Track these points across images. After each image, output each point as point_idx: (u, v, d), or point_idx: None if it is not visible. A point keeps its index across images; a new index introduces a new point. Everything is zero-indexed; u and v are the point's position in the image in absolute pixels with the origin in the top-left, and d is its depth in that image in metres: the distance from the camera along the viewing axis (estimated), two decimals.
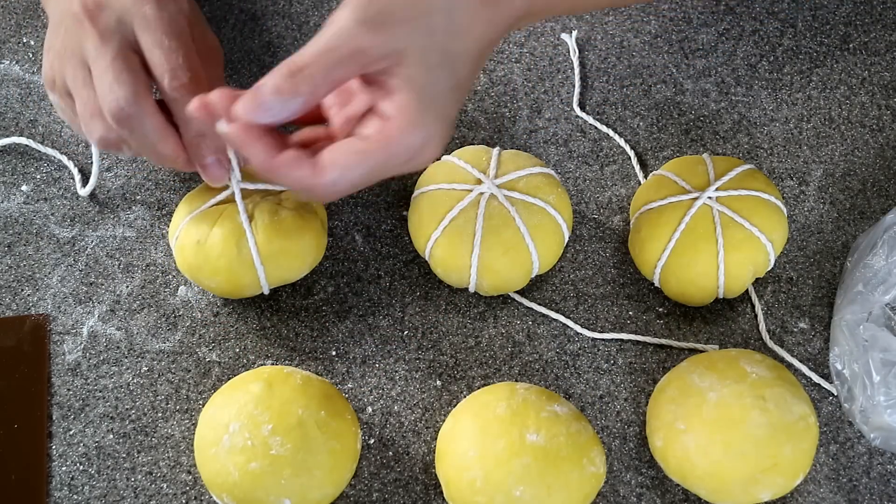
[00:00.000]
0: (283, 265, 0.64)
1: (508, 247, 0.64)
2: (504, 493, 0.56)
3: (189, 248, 0.63)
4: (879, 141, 0.73)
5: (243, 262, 0.62)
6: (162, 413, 0.63)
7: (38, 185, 0.71)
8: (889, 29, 0.78)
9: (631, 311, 0.67)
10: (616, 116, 0.74)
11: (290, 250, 0.63)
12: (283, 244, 0.63)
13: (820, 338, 0.66)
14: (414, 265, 0.68)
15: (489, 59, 0.76)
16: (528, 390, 0.60)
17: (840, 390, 0.64)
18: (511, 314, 0.67)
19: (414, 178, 0.69)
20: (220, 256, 0.62)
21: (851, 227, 0.70)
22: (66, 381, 0.64)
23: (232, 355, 0.65)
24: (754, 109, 0.74)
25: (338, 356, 0.66)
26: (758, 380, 0.59)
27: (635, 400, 0.64)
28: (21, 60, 0.75)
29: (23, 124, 0.73)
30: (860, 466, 0.62)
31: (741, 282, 0.65)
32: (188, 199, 0.65)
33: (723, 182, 0.65)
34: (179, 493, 0.61)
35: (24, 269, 0.68)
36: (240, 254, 0.62)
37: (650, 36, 0.77)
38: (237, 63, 0.76)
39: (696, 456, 0.58)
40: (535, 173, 0.66)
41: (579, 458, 0.57)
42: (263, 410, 0.57)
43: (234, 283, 0.63)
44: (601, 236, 0.70)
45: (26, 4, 0.77)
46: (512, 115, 0.74)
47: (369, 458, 0.62)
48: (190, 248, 0.63)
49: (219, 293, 0.65)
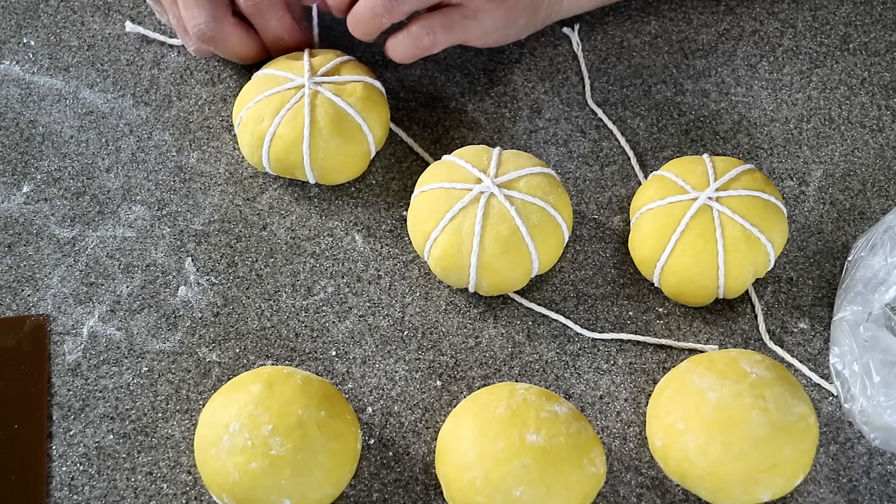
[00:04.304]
0: (332, 154, 0.68)
1: (508, 246, 0.64)
2: (504, 493, 0.56)
3: (252, 122, 0.68)
4: (879, 141, 0.73)
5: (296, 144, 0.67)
6: (162, 413, 0.63)
7: (38, 185, 0.71)
8: (889, 29, 0.78)
9: (631, 311, 0.67)
10: (616, 116, 0.74)
11: (340, 146, 0.67)
12: (337, 138, 0.67)
13: (820, 338, 0.66)
14: (414, 265, 0.69)
15: (489, 58, 0.76)
16: (528, 390, 0.60)
17: (840, 390, 0.64)
18: (511, 314, 0.67)
19: (414, 177, 0.69)
20: (279, 137, 0.67)
21: (851, 227, 0.70)
22: (66, 382, 0.64)
23: (232, 355, 0.65)
24: (754, 109, 0.74)
25: (338, 356, 0.66)
26: (758, 380, 0.59)
27: (635, 400, 0.64)
28: (21, 60, 0.75)
29: (23, 124, 0.73)
30: (860, 467, 0.62)
31: (741, 282, 0.65)
32: (258, 81, 0.69)
33: (723, 182, 0.65)
34: (179, 494, 0.61)
35: (24, 269, 0.68)
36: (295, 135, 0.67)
37: (650, 36, 0.77)
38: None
39: (695, 456, 0.58)
40: (535, 173, 0.66)
41: (579, 458, 0.57)
42: (263, 411, 0.57)
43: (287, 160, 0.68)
44: (601, 236, 0.70)
45: (26, 4, 0.77)
46: (512, 115, 0.74)
47: (369, 459, 0.62)
48: (253, 122, 0.68)
49: (274, 166, 0.69)
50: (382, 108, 0.70)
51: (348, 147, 0.68)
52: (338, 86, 0.68)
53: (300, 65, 0.69)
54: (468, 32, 0.69)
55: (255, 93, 0.68)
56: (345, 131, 0.67)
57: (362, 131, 0.68)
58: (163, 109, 0.73)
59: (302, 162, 0.67)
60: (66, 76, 0.74)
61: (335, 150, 0.67)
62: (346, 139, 0.67)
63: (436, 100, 0.75)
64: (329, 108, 0.67)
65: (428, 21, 0.68)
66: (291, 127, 0.67)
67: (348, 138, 0.67)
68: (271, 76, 0.69)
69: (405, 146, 0.73)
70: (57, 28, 0.76)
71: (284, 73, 0.68)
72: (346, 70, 0.69)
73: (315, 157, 0.67)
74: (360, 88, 0.68)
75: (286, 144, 0.67)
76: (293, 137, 0.67)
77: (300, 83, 0.67)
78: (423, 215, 0.65)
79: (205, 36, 0.67)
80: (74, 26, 0.77)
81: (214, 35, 0.67)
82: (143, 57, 0.75)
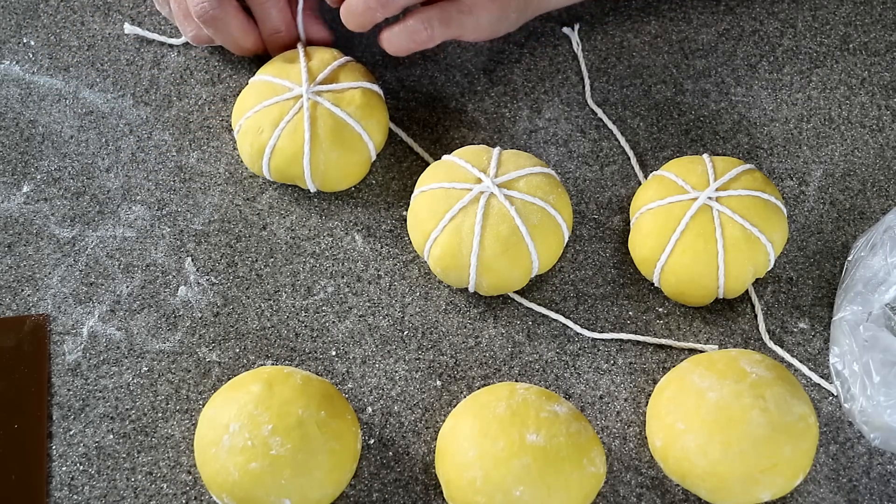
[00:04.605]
0: (333, 165, 0.68)
1: (508, 246, 0.64)
2: (504, 493, 0.56)
3: (252, 133, 0.68)
4: (879, 141, 0.73)
5: (297, 152, 0.67)
6: (162, 413, 0.63)
7: (38, 185, 0.71)
8: (889, 29, 0.78)
9: (631, 311, 0.67)
10: (616, 116, 0.74)
11: (340, 157, 0.67)
12: (338, 149, 0.67)
13: (820, 338, 0.66)
14: (414, 265, 0.69)
15: (489, 58, 0.76)
16: (527, 390, 0.60)
17: (840, 390, 0.64)
18: (511, 314, 0.67)
19: (414, 177, 0.69)
20: (280, 149, 0.67)
21: (851, 227, 0.70)
22: (66, 381, 0.64)
23: (232, 355, 0.65)
24: (754, 109, 0.74)
25: (338, 356, 0.66)
26: (758, 380, 0.59)
27: (635, 400, 0.64)
28: (21, 60, 0.75)
29: (23, 124, 0.73)
30: (860, 466, 0.62)
31: (741, 282, 0.65)
32: (256, 88, 0.69)
33: (723, 182, 0.65)
34: (179, 493, 0.61)
35: (24, 269, 0.68)
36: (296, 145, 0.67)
37: (650, 36, 0.77)
38: None
39: (695, 456, 0.58)
40: (535, 173, 0.66)
41: (579, 458, 0.57)
42: (263, 410, 0.57)
43: (287, 170, 0.68)
44: (601, 236, 0.70)
45: (26, 4, 0.77)
46: (512, 115, 0.74)
47: (369, 459, 0.62)
48: (253, 133, 0.68)
49: (275, 176, 0.69)
50: (381, 113, 0.69)
51: (349, 157, 0.68)
52: (336, 94, 0.68)
53: (297, 70, 0.68)
54: (463, 27, 0.69)
55: (254, 101, 0.68)
56: (345, 141, 0.67)
57: (362, 140, 0.68)
58: (163, 109, 0.73)
59: (303, 174, 0.67)
60: (66, 76, 0.74)
61: (336, 161, 0.67)
62: (346, 149, 0.67)
63: (436, 100, 0.75)
64: (329, 119, 0.67)
65: (426, 15, 0.68)
66: (292, 140, 0.67)
67: (348, 148, 0.67)
68: (269, 84, 0.68)
69: (405, 146, 0.73)
70: (57, 28, 0.76)
71: (282, 81, 0.68)
72: (344, 74, 0.69)
73: (316, 169, 0.67)
74: (358, 95, 0.68)
75: (287, 157, 0.67)
76: (293, 151, 0.67)
77: (298, 93, 0.67)
78: (423, 215, 0.65)
79: (207, 15, 0.68)
80: (74, 26, 0.77)
81: (216, 15, 0.68)
82: (143, 57, 0.75)
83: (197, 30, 0.71)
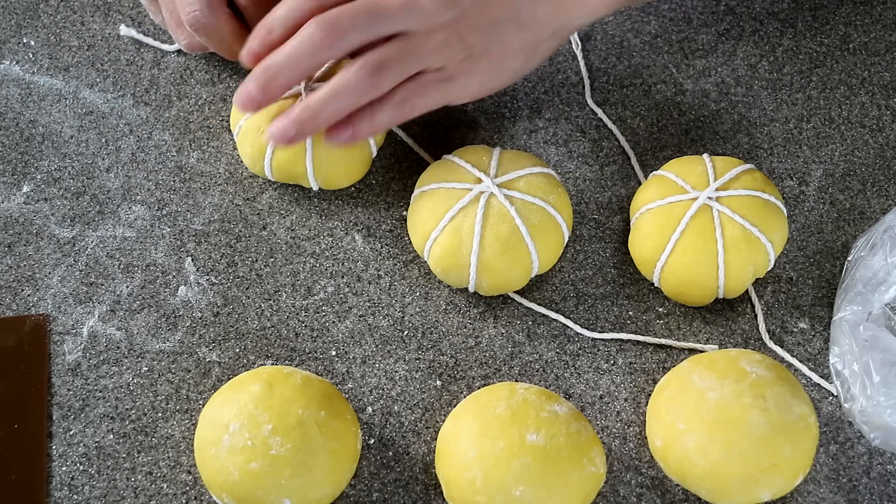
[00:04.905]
0: (335, 162, 0.68)
1: (508, 246, 0.64)
2: (504, 493, 0.56)
3: (252, 134, 0.68)
4: (879, 141, 0.73)
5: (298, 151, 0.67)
6: (162, 413, 0.63)
7: (38, 185, 0.71)
8: (889, 29, 0.78)
9: (631, 311, 0.67)
10: (616, 116, 0.74)
11: (342, 153, 0.67)
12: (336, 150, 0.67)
13: (820, 338, 0.66)
14: (414, 265, 0.69)
15: None
16: (527, 390, 0.60)
17: (840, 390, 0.64)
18: (511, 314, 0.67)
19: (414, 177, 0.69)
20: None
21: (851, 227, 0.70)
22: (66, 381, 0.64)
23: (232, 355, 0.65)
24: (754, 109, 0.74)
25: (338, 356, 0.66)
26: (758, 380, 0.59)
27: (635, 400, 0.64)
28: (21, 60, 0.75)
29: (23, 124, 0.73)
30: (860, 466, 0.62)
31: (741, 282, 0.65)
32: None
33: (723, 182, 0.65)
34: (179, 493, 0.61)
35: (24, 269, 0.68)
36: None
37: (650, 36, 0.77)
38: None
39: (695, 456, 0.58)
40: (535, 173, 0.66)
41: (579, 458, 0.57)
42: (263, 410, 0.57)
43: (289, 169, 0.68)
44: (601, 236, 0.70)
45: (26, 4, 0.77)
46: (512, 115, 0.74)
47: (369, 458, 0.62)
48: (253, 134, 0.68)
49: (276, 175, 0.69)
50: None
51: (350, 153, 0.68)
52: None
53: None
54: (450, 94, 0.64)
55: None
56: None
57: None
58: (163, 109, 0.73)
59: (305, 173, 0.67)
60: (66, 76, 0.74)
61: (338, 158, 0.67)
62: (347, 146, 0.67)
63: None
64: None
65: (404, 89, 0.62)
66: None
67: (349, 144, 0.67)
68: None
69: (405, 146, 0.73)
70: (57, 28, 0.76)
71: None
72: None
73: (318, 167, 0.67)
74: None
75: (288, 156, 0.67)
76: (295, 149, 0.67)
77: (297, 91, 0.67)
78: (423, 215, 0.65)
79: (199, 23, 0.66)
80: (74, 26, 0.77)
81: (208, 23, 0.66)
82: (143, 57, 0.75)
83: (190, 38, 0.69)
